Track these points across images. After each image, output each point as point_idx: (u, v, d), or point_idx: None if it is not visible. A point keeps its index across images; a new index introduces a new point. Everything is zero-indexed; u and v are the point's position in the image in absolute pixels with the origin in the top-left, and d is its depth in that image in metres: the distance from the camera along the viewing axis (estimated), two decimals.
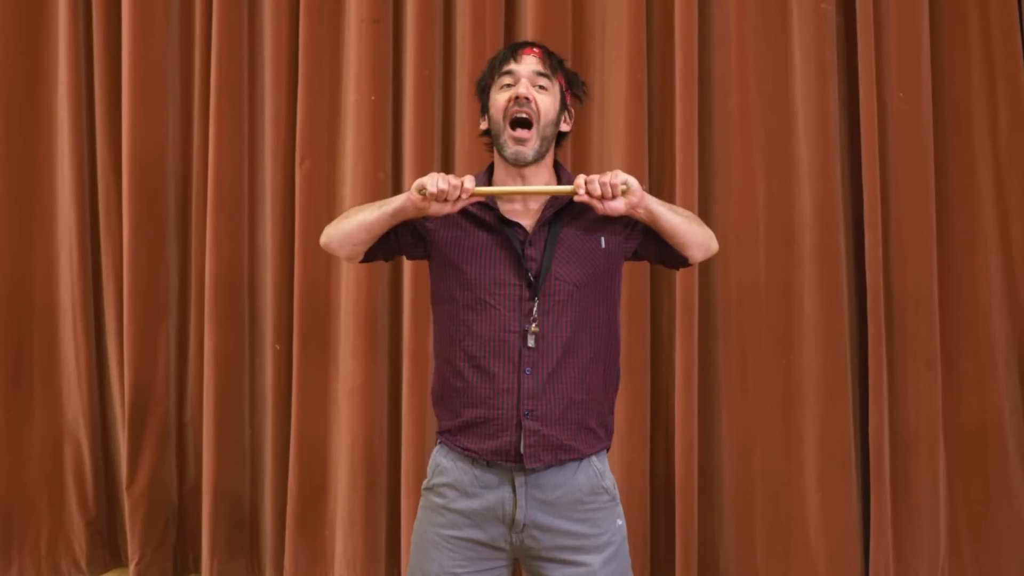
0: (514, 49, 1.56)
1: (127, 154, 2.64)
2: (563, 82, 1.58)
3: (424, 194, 1.47)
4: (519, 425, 1.48)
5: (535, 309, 1.49)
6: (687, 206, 2.32)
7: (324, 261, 2.57)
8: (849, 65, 2.35)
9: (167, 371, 2.70)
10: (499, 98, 1.53)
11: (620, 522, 1.57)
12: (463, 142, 2.48)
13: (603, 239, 1.56)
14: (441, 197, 1.46)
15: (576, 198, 1.48)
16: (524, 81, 1.52)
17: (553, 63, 1.56)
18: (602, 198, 1.47)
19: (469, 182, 1.47)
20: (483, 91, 1.60)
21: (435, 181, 1.46)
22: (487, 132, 1.59)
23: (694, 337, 2.33)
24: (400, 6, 2.54)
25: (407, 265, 2.47)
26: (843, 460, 2.29)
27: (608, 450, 1.60)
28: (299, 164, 2.56)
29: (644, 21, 2.37)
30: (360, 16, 2.50)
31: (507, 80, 1.54)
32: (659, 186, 2.42)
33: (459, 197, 1.47)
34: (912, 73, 2.27)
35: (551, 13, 2.40)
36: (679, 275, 2.32)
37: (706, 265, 2.37)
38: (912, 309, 2.28)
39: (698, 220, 1.65)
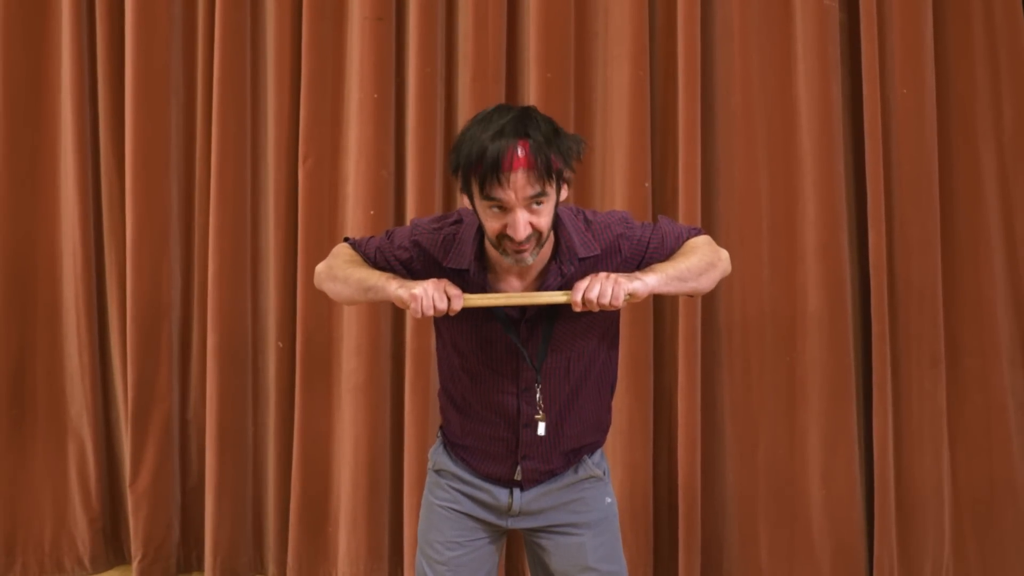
0: (497, 164, 1.24)
1: (130, 152, 2.64)
2: (559, 165, 1.31)
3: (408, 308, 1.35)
4: (515, 465, 1.55)
5: (538, 396, 1.49)
6: (690, 203, 2.32)
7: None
8: (852, 61, 2.35)
9: (170, 369, 2.70)
10: (490, 222, 1.32)
11: (609, 500, 1.63)
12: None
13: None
14: (427, 313, 1.34)
15: (575, 308, 1.34)
16: (520, 215, 1.28)
17: (546, 167, 1.27)
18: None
19: (458, 303, 1.34)
20: (457, 173, 1.33)
21: (427, 301, 1.32)
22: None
23: (697, 335, 2.32)
24: (402, 4, 2.54)
25: None
26: (847, 458, 2.29)
27: (603, 440, 1.66)
28: (302, 162, 2.56)
29: (647, 18, 2.37)
30: (363, 14, 2.50)
31: (495, 204, 1.29)
32: (662, 183, 2.42)
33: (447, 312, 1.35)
34: (915, 69, 2.27)
35: (553, 11, 2.40)
36: None
37: None
38: (916, 306, 2.28)
39: (709, 259, 1.47)
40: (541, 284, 1.44)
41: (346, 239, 1.63)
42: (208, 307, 2.61)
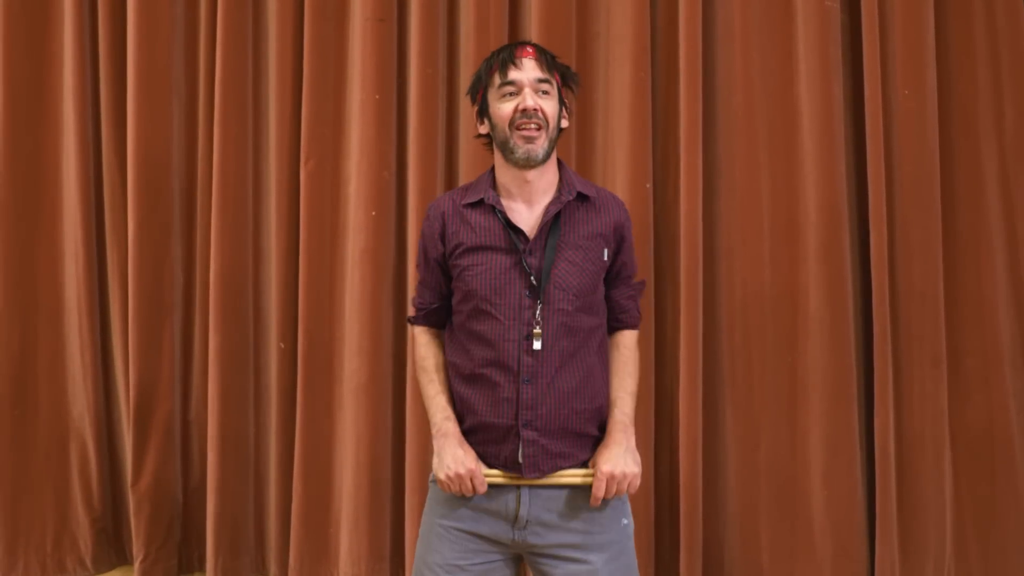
0: (511, 53, 1.56)
1: (132, 153, 2.65)
2: (559, 79, 1.59)
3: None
4: (517, 434, 1.50)
5: (537, 314, 1.51)
6: (691, 204, 2.32)
7: (328, 260, 2.58)
8: (854, 62, 2.34)
9: (172, 369, 2.71)
10: (503, 107, 1.54)
11: (626, 521, 1.57)
12: (467, 140, 2.48)
13: (606, 251, 1.58)
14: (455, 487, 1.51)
15: (594, 502, 1.51)
16: (528, 91, 1.53)
17: (550, 62, 1.57)
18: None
19: (482, 486, 1.51)
20: (477, 94, 1.61)
21: (454, 487, 1.51)
22: (487, 135, 1.62)
23: (698, 335, 2.32)
24: (404, 5, 2.55)
25: (411, 264, 2.47)
26: (849, 459, 2.29)
27: None
28: (304, 163, 2.56)
29: (648, 19, 2.37)
30: (365, 15, 2.51)
31: (509, 89, 1.54)
32: (663, 184, 2.42)
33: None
34: (917, 70, 2.27)
35: (555, 11, 2.40)
36: (683, 272, 2.32)
37: (710, 263, 2.38)
38: (918, 307, 2.28)
39: (637, 374, 1.67)
40: (546, 209, 1.56)
41: (408, 319, 1.77)
42: (210, 308, 2.62)
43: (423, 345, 1.68)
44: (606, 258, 1.59)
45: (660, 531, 2.42)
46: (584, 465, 1.56)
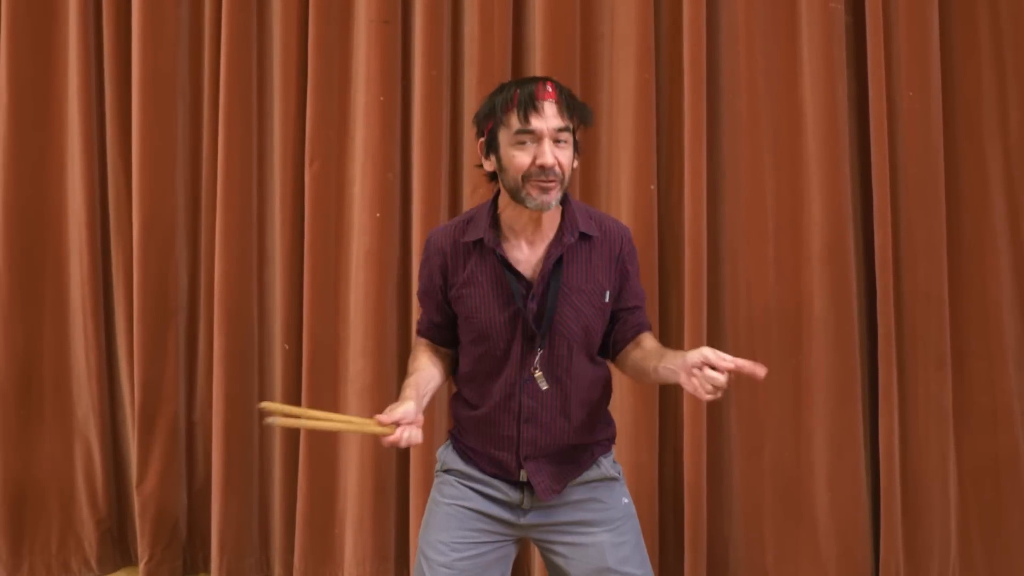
0: (532, 95, 1.44)
1: (137, 154, 2.65)
2: (575, 122, 1.49)
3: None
4: (519, 466, 1.54)
5: (537, 360, 1.51)
6: (696, 206, 2.33)
7: (333, 261, 2.58)
8: (858, 64, 2.34)
9: (176, 371, 2.71)
10: (518, 157, 1.44)
11: (626, 500, 1.61)
12: (470, 142, 2.48)
13: (607, 293, 1.55)
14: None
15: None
16: (548, 144, 1.43)
17: (569, 104, 1.47)
18: None
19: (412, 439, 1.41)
20: (486, 128, 1.51)
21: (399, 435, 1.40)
22: (492, 175, 1.53)
23: (703, 337, 2.32)
24: (409, 7, 2.55)
25: (415, 265, 2.48)
26: (853, 460, 2.28)
27: (613, 443, 1.66)
28: (308, 165, 2.56)
29: (652, 20, 2.37)
30: (369, 17, 2.51)
31: (526, 137, 1.44)
32: (667, 186, 2.42)
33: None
34: (922, 72, 2.26)
35: (559, 13, 2.40)
36: (687, 274, 2.32)
37: (715, 265, 2.37)
38: (922, 309, 2.27)
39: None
40: (548, 252, 1.51)
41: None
42: (215, 309, 2.62)
43: (414, 349, 1.68)
44: (607, 299, 1.55)
45: (665, 532, 2.42)
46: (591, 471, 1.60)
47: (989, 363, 2.29)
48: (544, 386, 1.51)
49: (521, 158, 1.44)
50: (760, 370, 1.36)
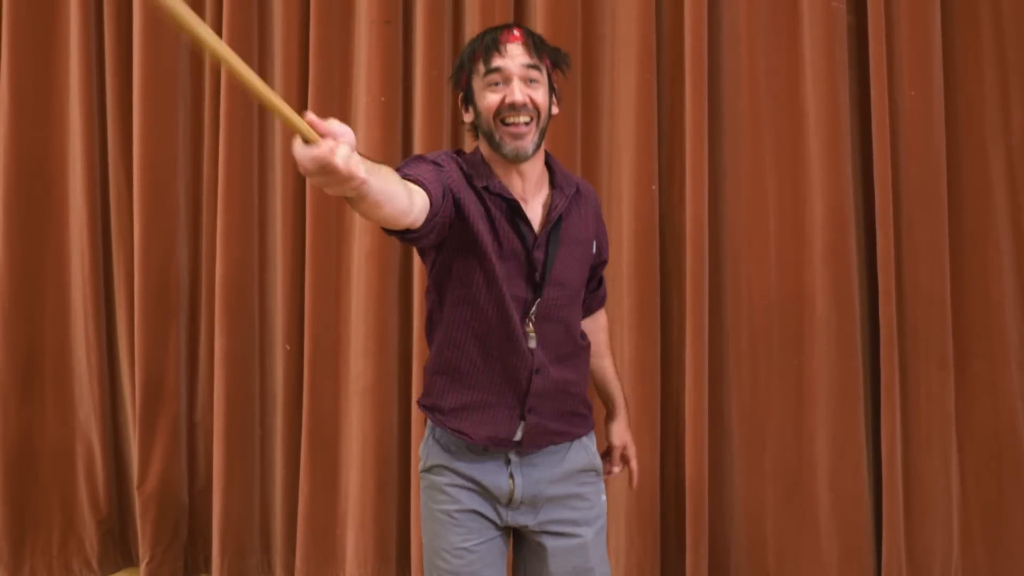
0: (495, 38, 1.44)
1: (138, 155, 2.65)
2: (549, 63, 1.49)
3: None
4: (521, 417, 1.51)
5: (534, 309, 1.50)
6: (697, 206, 2.33)
7: (334, 262, 2.58)
8: (860, 64, 2.34)
9: (178, 371, 2.71)
10: (489, 98, 1.44)
11: (603, 497, 1.64)
12: (472, 142, 2.48)
13: (595, 244, 1.61)
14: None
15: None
16: (516, 82, 1.42)
17: (538, 46, 1.46)
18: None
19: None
20: (461, 79, 1.50)
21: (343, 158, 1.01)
22: (474, 125, 1.52)
23: (704, 337, 2.32)
24: (410, 7, 2.55)
25: (417, 265, 2.47)
26: (855, 461, 2.28)
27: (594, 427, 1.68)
28: None
29: (654, 21, 2.37)
30: (370, 17, 2.51)
31: (495, 78, 1.43)
32: (669, 186, 2.41)
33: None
34: (924, 71, 2.26)
35: (560, 13, 2.40)
36: (689, 274, 2.32)
37: (716, 265, 2.37)
38: (924, 309, 2.27)
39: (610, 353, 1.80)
40: (550, 209, 1.51)
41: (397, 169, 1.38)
42: (216, 309, 2.62)
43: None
44: (594, 250, 1.61)
45: (666, 532, 2.41)
46: (578, 439, 1.62)
47: (991, 363, 2.29)
48: (533, 343, 1.50)
49: (491, 99, 1.43)
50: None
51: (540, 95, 1.45)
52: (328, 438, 2.58)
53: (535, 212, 1.52)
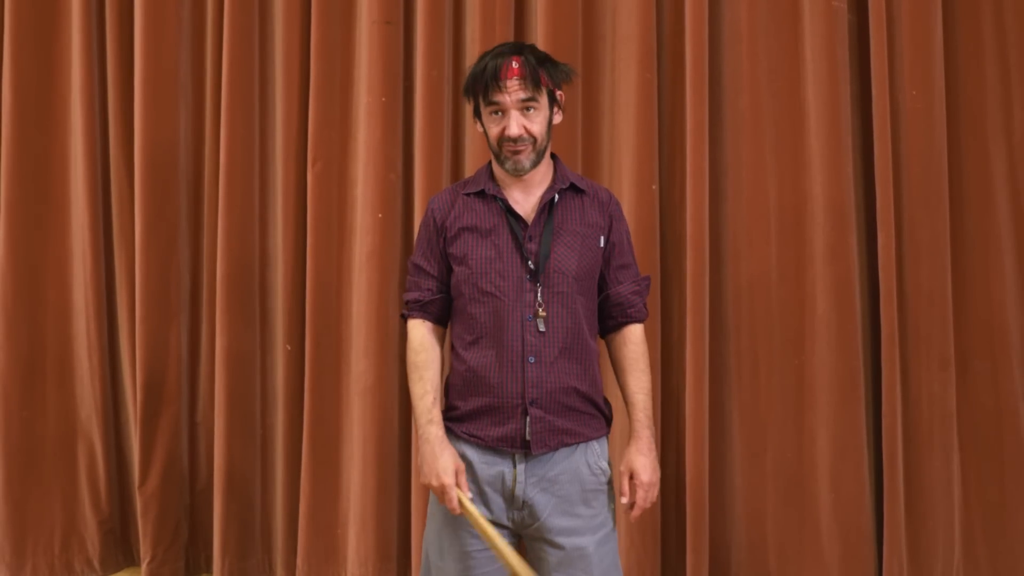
0: (496, 73, 1.55)
1: (139, 155, 2.66)
2: (549, 83, 1.59)
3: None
4: (524, 412, 1.54)
5: (539, 296, 1.55)
6: (698, 206, 2.33)
7: (335, 261, 2.58)
8: (861, 63, 2.34)
9: (179, 371, 2.71)
10: (491, 127, 1.59)
11: (611, 505, 1.63)
12: (472, 143, 2.49)
13: (602, 238, 1.64)
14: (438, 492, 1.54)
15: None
16: (514, 116, 1.55)
17: (535, 78, 1.56)
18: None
19: (451, 502, 1.52)
20: (470, 97, 1.63)
21: (436, 491, 1.54)
22: (485, 134, 1.65)
23: (705, 337, 2.32)
24: (410, 7, 2.55)
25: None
26: (856, 461, 2.28)
27: (609, 433, 1.67)
28: (311, 165, 2.56)
29: (654, 20, 2.37)
30: (371, 17, 2.51)
31: (495, 108, 1.57)
32: (670, 186, 2.41)
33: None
34: (925, 71, 2.26)
35: (561, 13, 2.40)
36: (689, 274, 2.32)
37: (717, 264, 2.37)
38: (926, 309, 2.27)
39: (649, 372, 1.70)
40: (542, 198, 1.62)
41: (401, 315, 1.72)
42: (217, 309, 2.62)
43: (417, 339, 1.64)
44: (602, 245, 1.64)
45: (667, 533, 2.41)
46: (587, 442, 1.60)
47: (993, 363, 2.29)
48: (541, 327, 1.55)
49: (492, 129, 1.59)
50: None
51: (537, 124, 1.57)
52: (329, 438, 2.58)
53: (531, 205, 1.62)
